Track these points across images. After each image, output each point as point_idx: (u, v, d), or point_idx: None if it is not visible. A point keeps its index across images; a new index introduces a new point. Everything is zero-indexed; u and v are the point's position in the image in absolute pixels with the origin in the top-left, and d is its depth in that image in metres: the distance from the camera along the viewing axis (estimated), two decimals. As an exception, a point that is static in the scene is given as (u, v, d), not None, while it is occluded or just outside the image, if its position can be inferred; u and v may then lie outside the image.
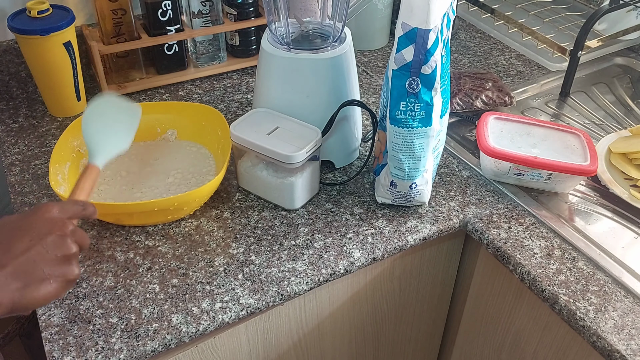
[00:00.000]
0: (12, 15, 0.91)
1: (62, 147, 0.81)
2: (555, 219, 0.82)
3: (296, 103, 0.83)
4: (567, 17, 1.25)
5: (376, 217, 0.82)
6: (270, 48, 0.82)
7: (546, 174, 0.84)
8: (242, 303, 0.70)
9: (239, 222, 0.80)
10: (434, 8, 0.67)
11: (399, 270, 0.86)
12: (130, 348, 0.65)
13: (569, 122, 1.04)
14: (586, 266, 0.76)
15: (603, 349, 0.67)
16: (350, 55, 0.84)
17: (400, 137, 0.74)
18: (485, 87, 1.03)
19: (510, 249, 0.78)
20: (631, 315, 0.69)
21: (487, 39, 1.28)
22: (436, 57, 0.69)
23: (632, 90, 1.14)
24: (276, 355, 0.82)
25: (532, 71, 1.17)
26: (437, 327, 1.02)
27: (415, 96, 0.71)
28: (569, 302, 0.71)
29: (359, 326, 0.89)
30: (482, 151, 0.86)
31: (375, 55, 1.21)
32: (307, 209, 0.83)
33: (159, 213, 0.76)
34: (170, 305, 0.69)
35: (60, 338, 0.66)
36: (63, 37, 0.91)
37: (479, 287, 0.90)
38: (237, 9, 1.06)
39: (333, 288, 0.80)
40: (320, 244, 0.78)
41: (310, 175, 0.82)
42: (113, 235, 0.78)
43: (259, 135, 0.79)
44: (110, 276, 0.73)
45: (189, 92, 1.07)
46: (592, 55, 1.19)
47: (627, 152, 0.91)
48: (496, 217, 0.83)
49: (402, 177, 0.78)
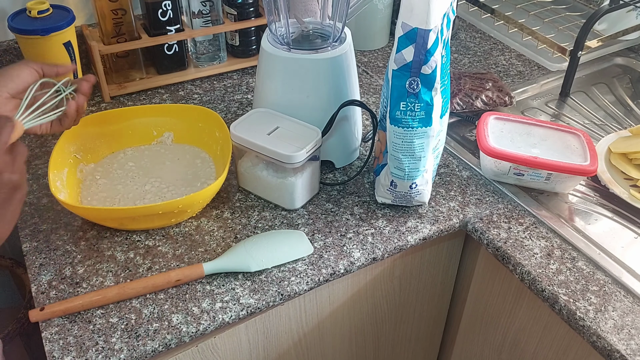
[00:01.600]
0: (12, 15, 0.91)
1: (59, 153, 0.80)
2: (555, 219, 0.82)
3: (296, 103, 0.83)
4: (567, 17, 1.25)
5: (376, 217, 0.82)
6: (270, 48, 0.82)
7: (546, 174, 0.84)
8: (242, 303, 0.70)
9: (239, 222, 0.81)
10: (434, 8, 0.67)
11: (399, 270, 0.86)
12: (130, 348, 0.65)
13: (569, 122, 1.04)
14: (586, 266, 0.76)
15: (603, 348, 0.68)
16: (350, 55, 0.84)
17: (400, 137, 0.74)
18: (485, 87, 1.03)
19: (510, 249, 0.78)
20: (631, 315, 0.70)
21: (487, 39, 1.28)
22: (436, 57, 0.69)
23: (632, 90, 1.14)
24: (276, 355, 0.82)
25: (532, 71, 1.17)
26: (437, 327, 1.02)
27: (415, 96, 0.71)
28: (569, 302, 0.71)
29: (359, 326, 0.89)
30: (482, 151, 0.86)
31: (375, 55, 1.21)
32: (307, 209, 0.83)
33: (162, 216, 0.75)
34: (170, 305, 0.69)
35: (60, 338, 0.66)
36: (63, 37, 0.91)
37: (479, 287, 0.90)
38: (237, 9, 1.06)
39: (333, 288, 0.80)
40: (320, 243, 0.78)
41: (310, 175, 0.82)
42: (113, 235, 0.78)
43: (259, 135, 0.79)
44: (110, 276, 0.73)
45: (189, 92, 1.07)
46: (592, 55, 1.19)
47: (627, 152, 0.91)
48: (496, 217, 0.83)
49: (402, 177, 0.78)
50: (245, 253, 0.73)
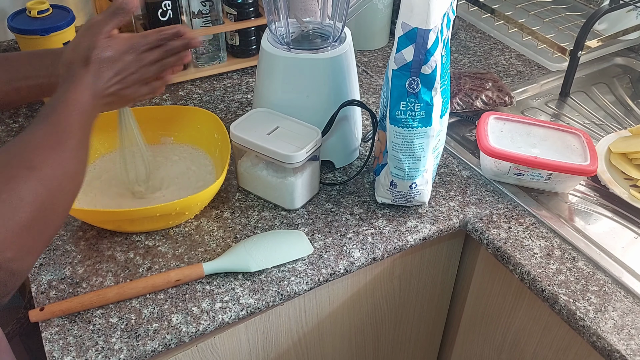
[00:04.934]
0: (12, 15, 0.91)
1: None
2: (555, 219, 0.82)
3: (296, 103, 0.83)
4: (567, 17, 1.25)
5: (376, 217, 0.82)
6: (270, 48, 0.82)
7: (546, 174, 0.84)
8: (242, 303, 0.70)
9: (239, 222, 0.80)
10: (434, 8, 0.67)
11: (399, 270, 0.86)
12: (130, 348, 0.65)
13: (569, 122, 1.04)
14: (586, 266, 0.76)
15: (603, 348, 0.67)
16: (350, 55, 0.84)
17: (400, 137, 0.74)
18: (485, 87, 1.03)
19: (510, 249, 0.78)
20: (631, 315, 0.69)
21: (487, 39, 1.28)
22: (436, 57, 0.69)
23: (632, 90, 1.14)
24: (276, 355, 0.82)
25: (532, 71, 1.17)
26: (437, 327, 1.02)
27: (415, 96, 0.71)
28: (569, 302, 0.71)
29: (358, 326, 0.89)
30: (482, 151, 0.86)
31: (375, 55, 1.21)
32: (307, 209, 0.83)
33: (160, 218, 0.75)
34: (170, 305, 0.69)
35: (60, 338, 0.66)
36: (63, 37, 0.91)
37: (479, 287, 0.90)
38: (237, 9, 1.06)
39: (333, 288, 0.80)
40: (320, 243, 0.78)
41: (310, 175, 0.82)
42: (113, 235, 0.78)
43: (259, 135, 0.79)
44: (110, 276, 0.73)
45: (189, 92, 1.07)
46: (592, 55, 1.19)
47: (627, 152, 0.91)
48: (496, 217, 0.83)
49: (402, 177, 0.78)
50: (245, 253, 0.73)
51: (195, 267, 0.72)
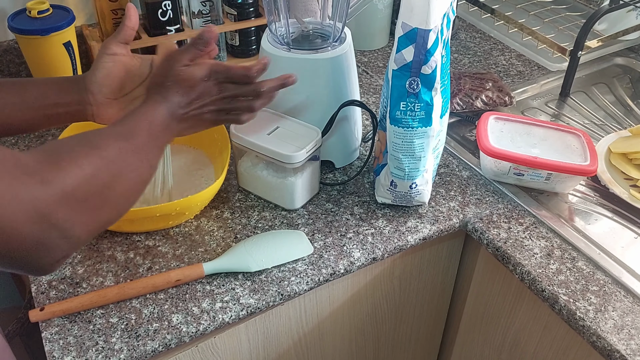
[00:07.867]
0: (12, 15, 0.91)
1: None
2: (555, 219, 0.82)
3: (296, 103, 0.83)
4: (567, 17, 1.25)
5: (376, 217, 0.82)
6: (270, 48, 0.82)
7: (546, 174, 0.84)
8: (242, 303, 0.70)
9: (239, 222, 0.81)
10: (434, 8, 0.67)
11: (399, 270, 0.86)
12: (130, 348, 0.65)
13: (569, 122, 1.04)
14: (586, 266, 0.76)
15: (603, 348, 0.68)
16: (350, 55, 0.84)
17: (400, 137, 0.74)
18: (485, 87, 1.03)
19: (510, 249, 0.78)
20: (631, 315, 0.70)
21: (487, 39, 1.28)
22: (436, 57, 0.69)
23: (632, 90, 1.14)
24: (276, 355, 0.82)
25: (532, 71, 1.17)
26: (437, 327, 1.02)
27: (415, 96, 0.71)
28: (569, 302, 0.71)
29: (359, 326, 0.89)
30: (482, 151, 0.86)
31: (375, 55, 1.21)
32: (307, 209, 0.83)
33: (160, 218, 0.75)
34: (170, 305, 0.69)
35: (60, 338, 0.66)
36: (63, 37, 0.91)
37: (479, 287, 0.90)
38: (237, 9, 1.06)
39: (333, 288, 0.80)
40: (320, 243, 0.78)
41: (310, 175, 0.82)
42: (113, 235, 0.78)
43: (259, 135, 0.79)
44: (110, 276, 0.73)
45: (189, 92, 1.07)
46: (592, 55, 1.19)
47: (627, 152, 0.91)
48: (496, 217, 0.83)
49: (402, 177, 0.78)
50: (245, 253, 0.73)
51: (196, 267, 0.72)
